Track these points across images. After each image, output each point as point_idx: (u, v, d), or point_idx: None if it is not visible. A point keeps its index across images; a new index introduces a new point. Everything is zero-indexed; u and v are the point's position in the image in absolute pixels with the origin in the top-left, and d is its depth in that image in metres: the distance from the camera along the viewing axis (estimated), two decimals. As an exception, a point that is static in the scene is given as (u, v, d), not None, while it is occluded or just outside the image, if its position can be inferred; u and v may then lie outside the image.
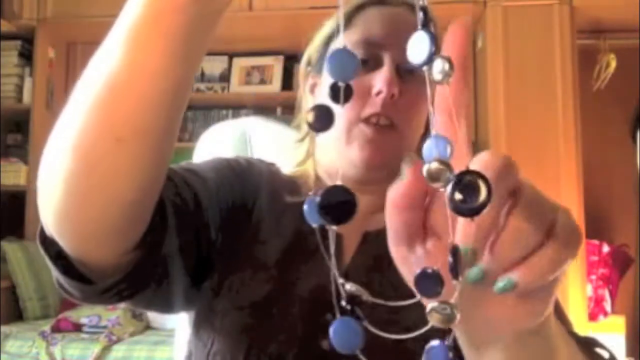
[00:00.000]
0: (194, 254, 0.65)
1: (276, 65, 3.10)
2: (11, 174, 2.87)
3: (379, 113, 0.67)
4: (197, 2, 0.42)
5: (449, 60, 0.34)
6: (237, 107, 3.12)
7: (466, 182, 0.32)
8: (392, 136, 0.69)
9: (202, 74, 3.17)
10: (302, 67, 0.79)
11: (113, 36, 0.44)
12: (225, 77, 3.15)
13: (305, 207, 0.42)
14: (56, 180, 0.47)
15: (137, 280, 0.56)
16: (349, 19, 0.73)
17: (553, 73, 2.51)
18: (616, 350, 2.35)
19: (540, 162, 2.45)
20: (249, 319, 0.65)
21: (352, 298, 0.41)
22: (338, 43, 0.71)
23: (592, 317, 2.53)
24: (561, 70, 2.50)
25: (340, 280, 0.42)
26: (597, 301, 2.57)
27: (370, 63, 0.69)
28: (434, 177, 0.33)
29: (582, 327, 2.27)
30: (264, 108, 3.06)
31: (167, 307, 0.67)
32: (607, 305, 2.58)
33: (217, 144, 1.06)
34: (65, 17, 2.89)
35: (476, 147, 2.74)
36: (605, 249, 2.63)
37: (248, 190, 0.73)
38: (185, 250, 0.62)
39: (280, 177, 0.78)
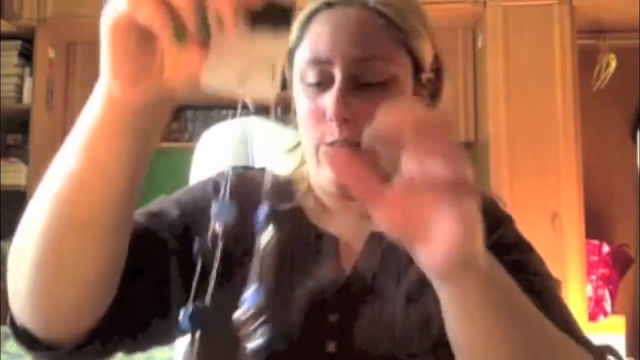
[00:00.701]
0: (184, 288, 0.67)
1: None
2: (11, 174, 2.86)
3: (338, 140, 0.65)
4: (142, 109, 0.45)
5: None
6: (237, 107, 3.11)
7: None
8: (362, 154, 0.67)
9: (202, 74, 3.16)
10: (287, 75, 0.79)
11: (72, 137, 0.49)
12: (225, 77, 3.14)
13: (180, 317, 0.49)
14: (24, 268, 0.52)
15: (106, 338, 0.60)
16: (302, 33, 0.70)
17: (553, 73, 2.50)
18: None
19: (540, 162, 2.45)
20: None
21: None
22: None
23: (592, 317, 2.53)
24: (561, 70, 2.50)
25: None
26: (597, 301, 2.57)
27: (324, 83, 0.66)
28: None
29: (582, 327, 2.26)
30: (264, 108, 3.05)
31: (169, 340, 0.70)
32: (607, 305, 2.58)
33: (217, 144, 1.06)
34: (65, 17, 2.88)
35: (476, 147, 2.74)
36: (605, 249, 2.63)
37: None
38: (173, 291, 0.66)
39: (275, 181, 0.78)
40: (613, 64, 2.75)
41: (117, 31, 0.42)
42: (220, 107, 3.16)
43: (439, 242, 0.41)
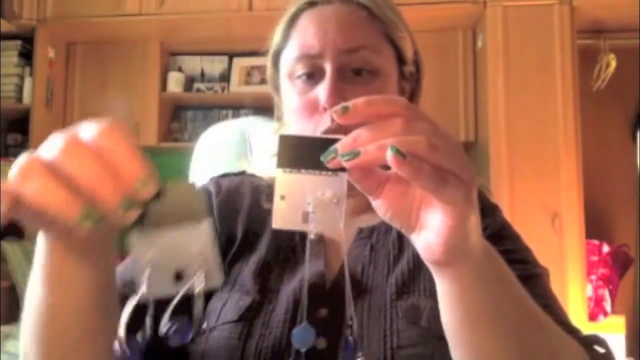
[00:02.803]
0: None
1: (276, 65, 3.10)
2: (11, 174, 2.86)
3: (332, 128, 0.66)
4: (84, 244, 0.46)
5: None
6: (237, 107, 3.11)
7: None
8: None
9: (202, 74, 3.16)
10: (268, 77, 0.79)
11: (34, 276, 0.50)
12: (225, 77, 3.15)
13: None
14: None
15: None
16: (287, 34, 0.72)
17: (553, 73, 2.51)
18: (616, 350, 2.35)
19: (540, 162, 2.45)
20: (236, 331, 0.65)
21: None
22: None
23: (592, 317, 2.53)
24: (561, 70, 2.50)
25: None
26: (597, 301, 2.57)
27: (316, 75, 0.68)
28: None
29: (582, 327, 2.26)
30: (264, 108, 3.05)
31: None
32: (607, 305, 2.58)
33: (217, 143, 1.06)
34: (65, 17, 2.88)
35: (476, 147, 2.74)
36: (605, 249, 2.63)
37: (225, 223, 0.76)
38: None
39: (260, 184, 0.79)
40: (613, 64, 2.75)
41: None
42: (220, 107, 3.16)
43: (430, 231, 0.42)
